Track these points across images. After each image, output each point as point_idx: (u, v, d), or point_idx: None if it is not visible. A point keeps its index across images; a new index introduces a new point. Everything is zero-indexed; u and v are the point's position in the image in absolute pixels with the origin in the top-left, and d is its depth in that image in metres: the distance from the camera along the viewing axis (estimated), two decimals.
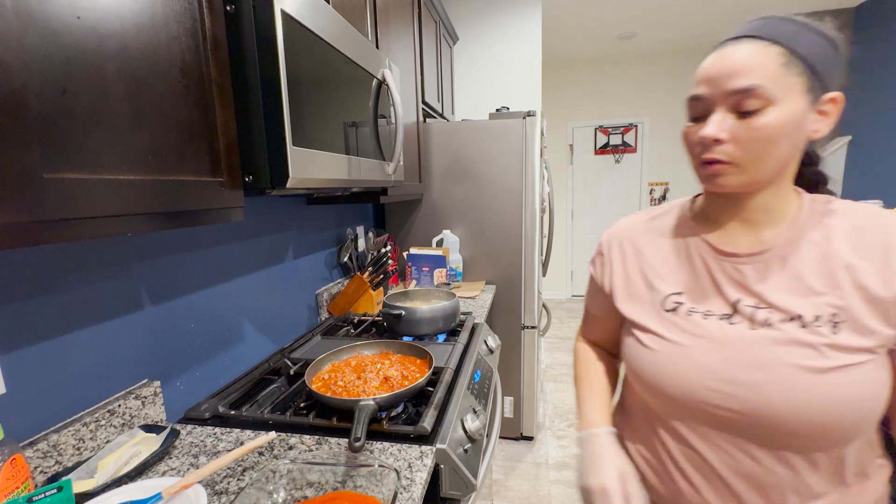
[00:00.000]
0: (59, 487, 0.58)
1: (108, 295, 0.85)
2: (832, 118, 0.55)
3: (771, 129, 0.52)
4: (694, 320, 0.61)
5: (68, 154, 0.47)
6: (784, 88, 0.52)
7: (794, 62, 0.52)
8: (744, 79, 0.52)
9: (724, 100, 0.54)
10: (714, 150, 0.55)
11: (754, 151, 0.53)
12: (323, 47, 0.90)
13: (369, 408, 0.85)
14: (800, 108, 0.52)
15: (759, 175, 0.55)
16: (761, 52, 0.52)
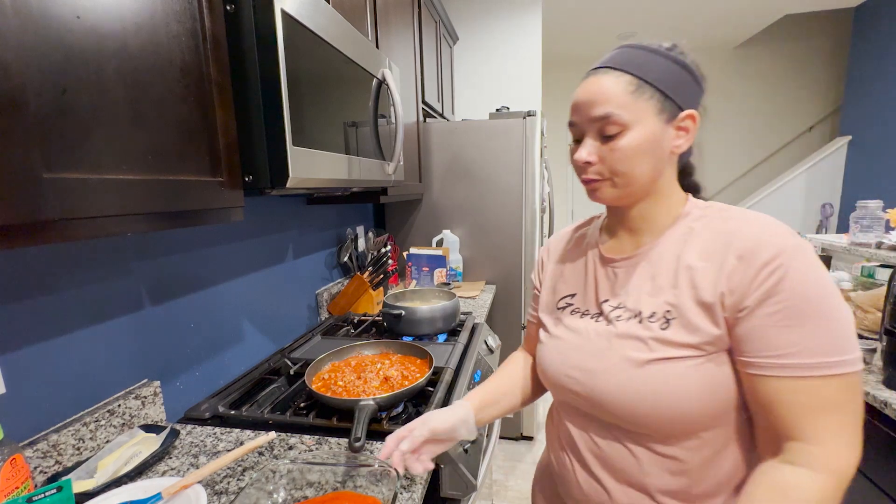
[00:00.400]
0: (58, 487, 0.58)
1: (108, 295, 0.85)
2: (691, 133, 0.60)
3: (629, 150, 0.57)
4: (573, 318, 0.69)
5: (68, 154, 0.47)
6: (636, 113, 0.57)
7: (643, 88, 0.57)
8: (600, 108, 0.58)
9: (589, 126, 0.60)
10: (588, 171, 0.61)
11: (619, 170, 0.59)
12: (323, 47, 0.90)
13: (369, 408, 0.85)
14: (655, 129, 0.57)
15: (630, 189, 0.60)
16: (613, 81, 0.58)
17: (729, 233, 0.56)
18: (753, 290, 0.52)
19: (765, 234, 0.53)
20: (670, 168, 0.62)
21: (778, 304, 0.50)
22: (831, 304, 0.50)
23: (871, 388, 1.10)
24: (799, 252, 0.51)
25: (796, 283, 0.50)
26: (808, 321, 0.49)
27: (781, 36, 4.58)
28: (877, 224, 2.05)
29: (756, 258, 0.52)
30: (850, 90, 4.14)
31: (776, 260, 0.50)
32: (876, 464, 1.10)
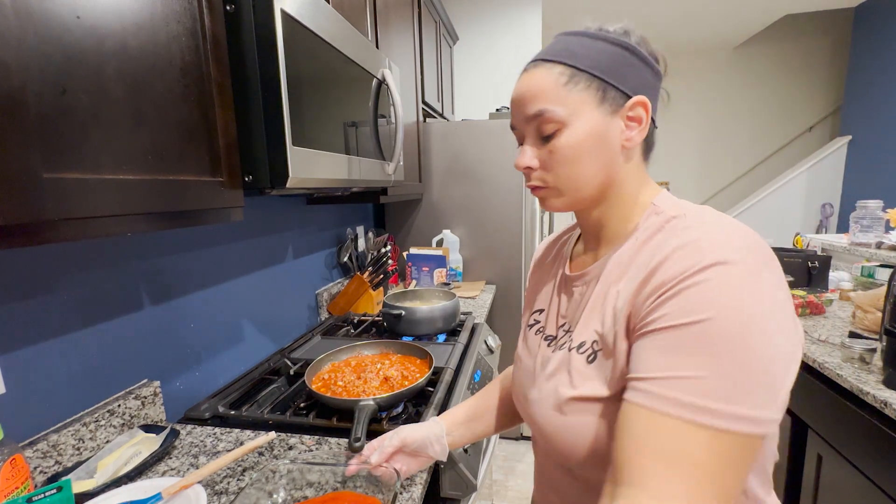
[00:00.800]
0: (58, 487, 0.58)
1: (108, 295, 0.85)
2: (645, 123, 0.52)
3: (568, 150, 0.51)
4: (535, 338, 0.63)
5: (68, 154, 0.47)
6: (572, 106, 0.50)
7: (577, 77, 0.50)
8: (532, 105, 0.52)
9: (526, 127, 0.54)
10: (531, 178, 0.55)
11: (561, 174, 0.52)
12: (323, 47, 0.90)
13: (369, 408, 0.85)
14: (597, 122, 0.51)
15: (579, 194, 0.54)
16: (544, 74, 0.51)
17: (660, 245, 0.46)
18: (651, 304, 0.43)
19: (692, 244, 0.43)
20: (629, 165, 0.54)
21: (672, 319, 0.40)
22: (750, 343, 0.38)
23: (871, 388, 1.10)
24: (728, 270, 0.40)
25: (705, 303, 0.39)
26: (703, 351, 0.38)
27: (781, 36, 4.58)
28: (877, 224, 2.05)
29: (667, 270, 0.43)
30: (850, 90, 4.14)
31: (690, 271, 0.41)
32: (876, 464, 1.10)
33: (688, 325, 0.39)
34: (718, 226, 0.45)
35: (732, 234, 0.43)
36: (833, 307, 1.78)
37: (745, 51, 4.73)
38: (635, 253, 0.50)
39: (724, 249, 0.41)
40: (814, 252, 2.06)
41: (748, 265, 0.40)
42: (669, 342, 0.40)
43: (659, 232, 0.49)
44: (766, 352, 0.38)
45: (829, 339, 1.43)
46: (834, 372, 1.22)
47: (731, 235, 0.43)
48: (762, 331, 0.38)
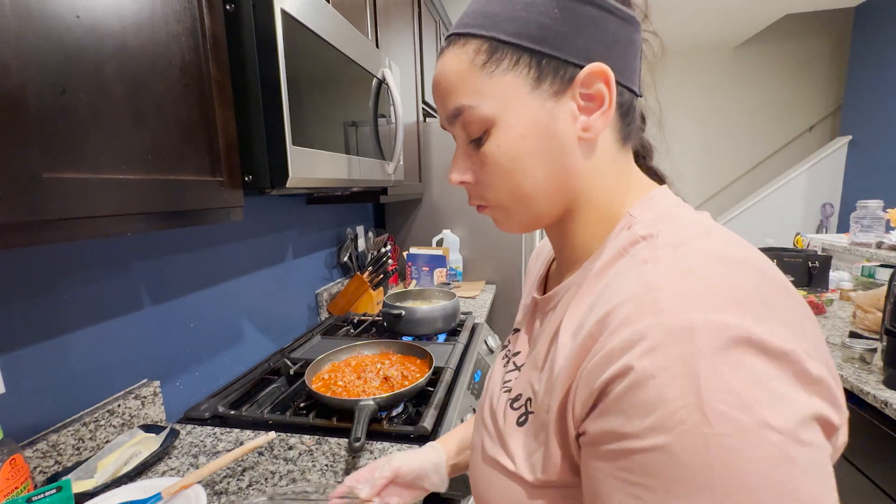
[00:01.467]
0: (58, 487, 0.58)
1: (108, 295, 0.85)
2: (606, 101, 0.37)
3: (501, 158, 0.38)
4: (500, 362, 0.52)
5: (68, 153, 0.47)
6: (497, 97, 0.37)
7: (498, 53, 0.36)
8: (448, 100, 0.39)
9: (450, 128, 0.41)
10: (471, 195, 0.43)
11: (500, 188, 0.40)
12: (323, 46, 0.90)
13: (369, 408, 0.85)
14: (532, 113, 0.37)
15: (531, 211, 0.41)
16: (456, 56, 0.38)
17: (613, 283, 0.34)
18: (594, 398, 0.30)
19: (645, 295, 0.29)
20: (594, 161, 0.39)
21: (623, 439, 0.28)
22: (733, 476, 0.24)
23: (871, 388, 1.10)
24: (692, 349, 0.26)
25: (659, 414, 0.26)
26: (670, 489, 0.26)
27: (781, 36, 4.58)
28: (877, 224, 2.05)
29: (610, 337, 0.29)
30: (850, 90, 4.14)
31: (637, 349, 0.27)
32: (876, 464, 1.10)
33: (641, 451, 0.27)
34: (694, 257, 0.31)
35: (713, 270, 0.29)
36: (833, 307, 1.78)
37: (745, 51, 4.73)
38: (591, 285, 0.37)
39: (690, 306, 0.27)
40: (814, 252, 2.07)
41: (728, 334, 0.26)
42: (626, 475, 0.28)
43: (619, 259, 0.36)
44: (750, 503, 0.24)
45: (830, 339, 1.43)
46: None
47: (709, 273, 0.29)
48: (739, 466, 0.24)
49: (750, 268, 0.30)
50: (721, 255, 0.31)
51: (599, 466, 0.30)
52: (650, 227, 0.36)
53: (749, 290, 0.28)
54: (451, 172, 0.43)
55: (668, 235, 0.34)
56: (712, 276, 0.29)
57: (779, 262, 1.99)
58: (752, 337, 0.26)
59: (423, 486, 0.61)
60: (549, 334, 0.40)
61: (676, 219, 0.37)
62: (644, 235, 0.35)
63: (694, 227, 0.35)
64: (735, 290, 0.28)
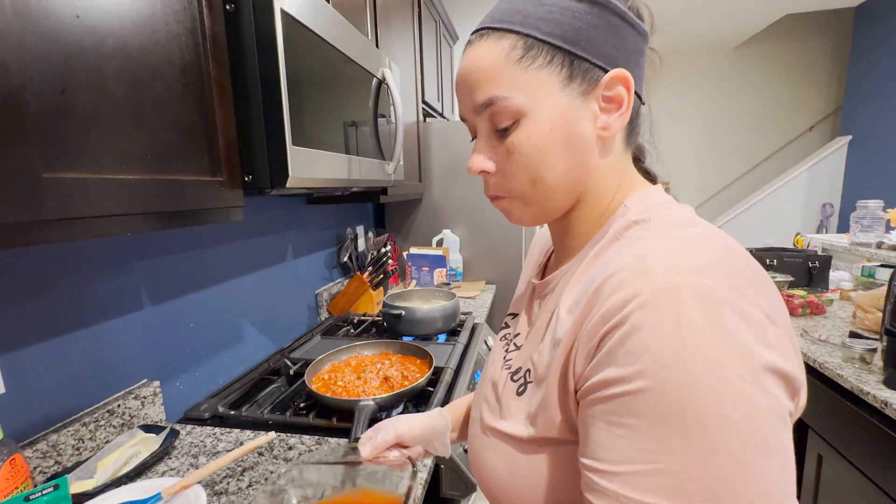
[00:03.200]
0: (55, 485, 0.58)
1: (108, 295, 0.85)
2: (625, 104, 0.40)
3: (530, 149, 0.40)
4: (500, 344, 0.54)
5: (68, 153, 0.47)
6: (529, 91, 0.39)
7: (535, 49, 0.39)
8: (479, 91, 0.41)
9: (476, 119, 0.43)
10: (488, 185, 0.45)
11: (523, 178, 0.42)
12: (323, 46, 0.90)
13: (369, 408, 0.85)
14: (564, 108, 0.39)
15: (548, 204, 0.43)
16: (491, 49, 0.40)
17: (609, 260, 0.37)
18: (591, 352, 0.33)
19: (637, 263, 0.33)
20: (607, 160, 0.43)
21: (612, 384, 0.31)
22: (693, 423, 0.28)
23: (871, 388, 1.10)
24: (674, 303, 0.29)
25: (642, 360, 0.29)
26: (649, 432, 0.29)
27: (781, 36, 4.58)
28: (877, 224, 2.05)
29: (606, 300, 0.33)
30: (850, 90, 4.14)
31: (628, 306, 0.31)
32: (876, 464, 1.10)
33: (627, 394, 0.30)
34: (680, 237, 0.35)
35: (696, 247, 0.33)
36: (833, 307, 1.78)
37: (745, 51, 4.73)
38: (587, 267, 0.41)
39: (676, 271, 0.31)
40: (814, 252, 2.06)
41: (707, 295, 0.29)
42: (614, 417, 0.31)
43: (615, 241, 0.40)
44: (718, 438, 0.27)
45: (830, 339, 1.43)
46: (834, 372, 1.22)
47: (692, 249, 0.33)
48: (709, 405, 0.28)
49: (729, 249, 0.34)
50: (706, 239, 0.35)
51: (591, 412, 0.33)
52: (642, 213, 0.40)
53: (727, 264, 0.32)
54: (472, 161, 0.44)
55: (658, 220, 0.39)
56: (697, 251, 0.33)
57: (779, 262, 1.99)
58: (727, 298, 0.30)
59: (425, 448, 0.63)
60: (548, 314, 0.44)
61: (666, 209, 0.41)
62: (637, 220, 0.40)
63: (681, 215, 0.40)
64: (715, 263, 0.32)
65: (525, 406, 0.41)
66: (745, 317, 0.30)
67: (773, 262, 2.00)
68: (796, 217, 4.29)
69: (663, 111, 4.88)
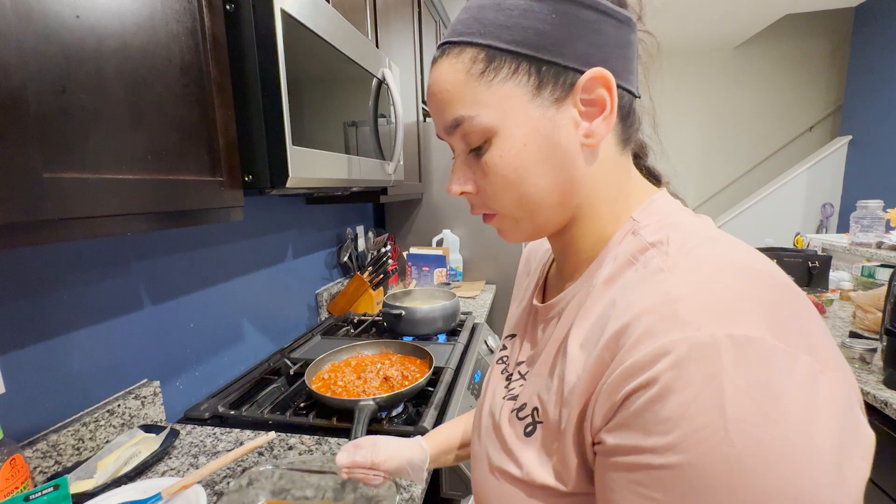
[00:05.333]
0: (55, 485, 0.58)
1: (108, 295, 0.85)
2: (608, 105, 0.36)
3: (503, 168, 0.37)
4: (497, 368, 0.52)
5: (68, 153, 0.47)
6: (496, 106, 0.36)
7: (496, 62, 0.36)
8: (446, 111, 0.39)
9: (449, 138, 0.41)
10: (473, 205, 0.43)
11: (504, 197, 0.39)
12: (323, 46, 0.90)
13: (369, 408, 0.85)
14: (534, 121, 0.36)
15: (538, 220, 0.40)
16: (452, 65, 0.37)
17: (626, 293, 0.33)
18: (615, 408, 0.30)
19: (665, 307, 0.29)
20: (597, 167, 0.39)
21: (640, 452, 0.28)
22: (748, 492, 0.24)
23: (872, 388, 1.10)
24: (704, 365, 0.26)
25: (678, 430, 0.26)
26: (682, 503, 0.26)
27: (781, 36, 4.58)
28: (877, 224, 2.05)
29: (624, 351, 0.29)
30: (850, 90, 4.14)
31: (659, 362, 0.27)
32: (876, 464, 1.10)
33: (659, 468, 0.26)
34: (708, 265, 0.31)
35: (729, 279, 0.29)
36: (833, 307, 1.78)
37: (745, 51, 4.72)
38: (599, 294, 0.36)
39: (712, 321, 0.27)
40: (814, 252, 2.07)
41: (751, 350, 0.25)
42: (641, 489, 0.28)
43: (629, 267, 0.35)
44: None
45: None
46: None
47: (724, 283, 0.29)
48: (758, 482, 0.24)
49: (763, 275, 0.30)
50: (735, 264, 0.31)
51: (615, 477, 0.29)
52: (657, 232, 0.36)
53: (766, 298, 0.28)
54: (450, 183, 0.42)
55: (677, 243, 0.34)
56: (729, 286, 0.29)
57: (779, 262, 1.99)
58: (774, 351, 0.26)
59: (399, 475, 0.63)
60: (556, 344, 0.40)
61: (682, 225, 0.37)
62: (653, 242, 0.35)
63: (700, 234, 0.35)
64: (754, 302, 0.28)
65: (537, 450, 0.38)
66: (795, 370, 0.25)
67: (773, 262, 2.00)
68: (796, 217, 4.29)
69: (663, 111, 4.87)
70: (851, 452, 0.25)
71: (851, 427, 0.26)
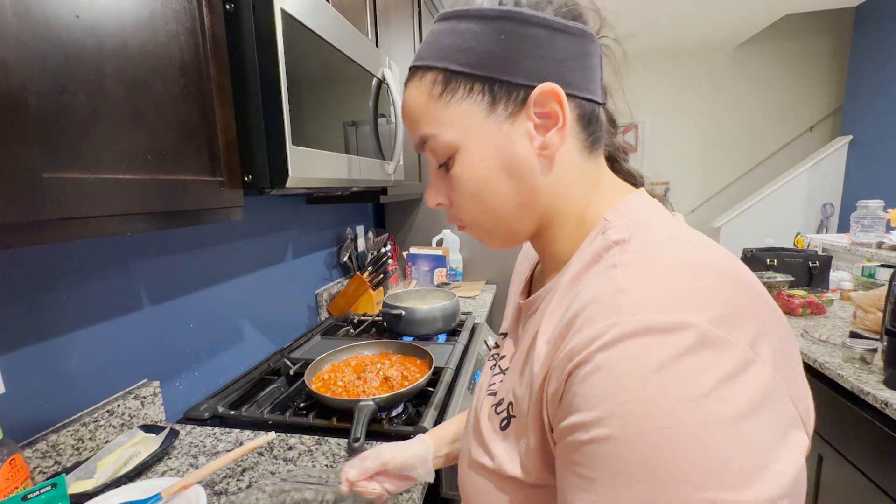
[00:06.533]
0: (53, 484, 0.58)
1: (108, 295, 0.85)
2: (560, 117, 0.38)
3: (466, 181, 0.40)
4: (489, 364, 0.53)
5: (67, 153, 0.47)
6: (455, 124, 0.39)
7: (453, 83, 0.39)
8: (415, 130, 0.42)
9: (422, 153, 0.43)
10: (448, 216, 0.46)
11: (470, 209, 0.42)
12: (323, 46, 0.90)
13: (369, 408, 0.85)
14: (490, 137, 0.39)
15: (507, 228, 0.43)
16: (416, 88, 0.41)
17: (585, 287, 0.34)
18: (560, 389, 0.31)
19: (611, 295, 0.30)
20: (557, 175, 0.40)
21: (577, 429, 0.29)
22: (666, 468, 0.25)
23: (872, 388, 1.10)
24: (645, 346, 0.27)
25: (604, 406, 0.27)
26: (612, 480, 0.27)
27: (781, 36, 4.58)
28: (877, 224, 2.05)
29: (576, 335, 0.31)
30: (850, 90, 4.14)
31: (597, 343, 0.29)
32: (876, 464, 1.10)
33: (588, 442, 0.28)
34: (661, 262, 0.32)
35: (677, 274, 0.30)
36: (834, 307, 1.78)
37: (745, 51, 4.72)
38: (566, 290, 0.38)
39: (647, 307, 0.28)
40: (814, 252, 2.06)
41: (680, 333, 0.27)
42: (578, 469, 0.29)
43: (595, 264, 0.36)
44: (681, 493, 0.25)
45: (830, 339, 1.43)
46: (835, 372, 1.22)
47: (670, 277, 0.30)
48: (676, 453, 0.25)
49: (717, 272, 0.31)
50: (689, 261, 0.32)
51: (562, 461, 0.31)
52: (622, 231, 0.37)
53: (711, 292, 0.29)
54: (426, 196, 0.45)
55: (639, 241, 0.35)
56: (679, 280, 0.30)
57: (779, 262, 1.99)
58: (705, 336, 0.27)
59: (410, 475, 0.64)
60: (529, 340, 0.41)
61: (649, 224, 0.37)
62: (617, 241, 0.36)
63: (666, 232, 0.36)
64: (695, 293, 0.29)
65: (508, 443, 0.39)
66: (722, 357, 0.26)
67: (773, 262, 2.00)
68: (796, 217, 4.29)
69: (663, 111, 4.88)
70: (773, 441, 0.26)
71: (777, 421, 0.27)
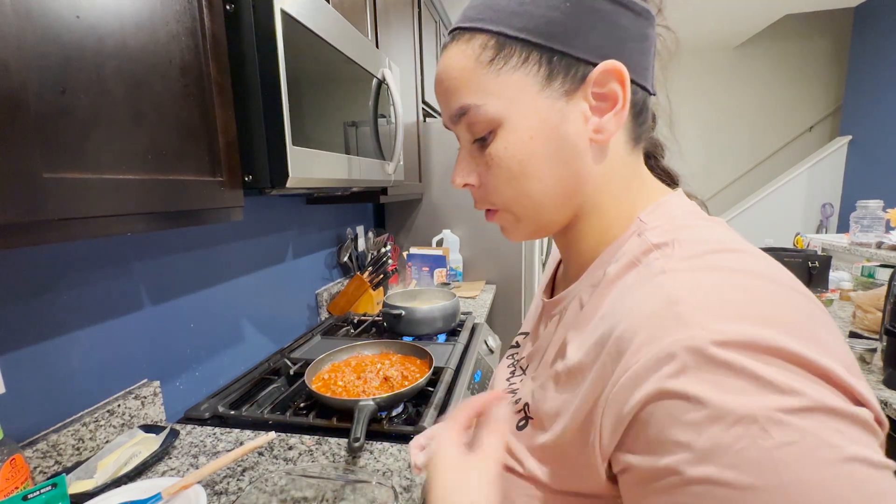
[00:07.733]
0: (53, 484, 0.58)
1: (108, 295, 0.85)
2: (620, 101, 0.35)
3: (507, 161, 0.36)
4: (506, 362, 0.51)
5: (68, 153, 0.47)
6: (504, 95, 0.35)
7: (506, 50, 0.34)
8: (452, 99, 0.37)
9: (454, 127, 0.39)
10: (476, 199, 0.41)
11: (507, 193, 0.38)
12: (323, 47, 0.90)
13: (369, 408, 0.85)
14: (542, 113, 0.35)
15: (540, 218, 0.39)
16: (461, 52, 0.36)
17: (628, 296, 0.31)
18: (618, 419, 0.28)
19: (669, 310, 0.27)
20: (605, 165, 0.37)
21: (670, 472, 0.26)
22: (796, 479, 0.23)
23: (872, 388, 1.10)
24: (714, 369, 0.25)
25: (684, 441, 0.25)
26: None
27: (781, 36, 4.58)
28: (877, 224, 2.05)
29: (626, 359, 0.28)
30: (850, 90, 4.14)
31: (663, 369, 0.26)
32: None
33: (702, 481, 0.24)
34: (716, 269, 0.29)
35: (738, 282, 0.28)
36: (833, 307, 1.78)
37: (745, 51, 4.72)
38: (599, 297, 0.35)
39: (718, 320, 0.26)
40: (814, 252, 2.07)
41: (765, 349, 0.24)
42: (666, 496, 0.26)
43: (632, 269, 0.33)
44: None
45: None
46: None
47: (733, 285, 0.27)
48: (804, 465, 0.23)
49: (780, 282, 0.28)
50: (747, 270, 0.29)
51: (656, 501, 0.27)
52: (664, 235, 0.34)
53: (780, 303, 0.27)
54: (454, 175, 0.41)
55: (684, 246, 0.32)
56: (736, 287, 0.27)
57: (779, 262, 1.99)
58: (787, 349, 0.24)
59: None
60: (557, 345, 0.39)
61: (692, 228, 0.35)
62: (658, 244, 0.33)
63: (712, 238, 0.33)
64: (767, 304, 0.27)
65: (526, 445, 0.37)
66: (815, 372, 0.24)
67: None
68: (796, 217, 4.29)
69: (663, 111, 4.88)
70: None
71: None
